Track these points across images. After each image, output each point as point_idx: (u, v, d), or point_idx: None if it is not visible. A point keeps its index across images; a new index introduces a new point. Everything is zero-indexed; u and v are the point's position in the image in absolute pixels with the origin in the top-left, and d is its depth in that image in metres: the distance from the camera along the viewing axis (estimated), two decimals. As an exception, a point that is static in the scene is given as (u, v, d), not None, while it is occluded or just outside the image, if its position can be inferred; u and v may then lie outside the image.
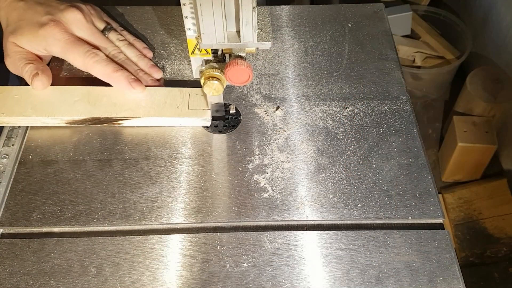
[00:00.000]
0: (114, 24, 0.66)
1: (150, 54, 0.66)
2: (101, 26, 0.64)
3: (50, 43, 0.59)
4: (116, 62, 0.62)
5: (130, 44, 0.65)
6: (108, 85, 0.61)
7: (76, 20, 0.60)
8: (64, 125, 0.59)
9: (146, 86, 0.61)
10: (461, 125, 1.40)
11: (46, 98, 0.60)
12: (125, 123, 0.59)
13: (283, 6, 0.75)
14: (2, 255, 0.50)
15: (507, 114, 1.42)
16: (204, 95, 0.60)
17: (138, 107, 0.59)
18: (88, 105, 0.59)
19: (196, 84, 0.65)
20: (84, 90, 0.61)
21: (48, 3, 0.61)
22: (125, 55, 0.63)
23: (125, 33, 0.67)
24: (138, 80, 0.61)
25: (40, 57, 0.61)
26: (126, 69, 0.61)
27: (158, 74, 0.64)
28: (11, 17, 0.60)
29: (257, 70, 0.67)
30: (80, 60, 0.60)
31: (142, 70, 0.63)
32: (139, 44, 0.66)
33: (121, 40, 0.64)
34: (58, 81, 0.64)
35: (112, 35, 0.64)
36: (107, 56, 0.61)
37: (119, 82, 0.60)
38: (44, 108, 0.58)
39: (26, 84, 0.60)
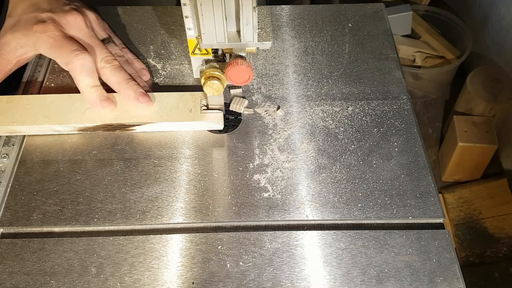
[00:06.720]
0: (117, 41, 0.64)
1: (146, 76, 0.64)
2: (102, 36, 0.62)
3: (40, 38, 0.57)
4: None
5: (128, 62, 0.63)
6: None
7: (75, 23, 0.59)
8: (77, 132, 0.59)
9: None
10: (461, 125, 1.40)
11: (58, 106, 0.59)
12: (138, 129, 0.59)
13: (283, 6, 0.75)
14: (2, 255, 0.50)
15: (507, 114, 1.42)
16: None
17: (151, 112, 0.59)
18: (100, 112, 0.59)
19: (196, 83, 0.65)
20: None
21: (55, 2, 0.60)
22: (119, 63, 0.60)
23: (126, 50, 0.64)
24: (108, 98, 0.58)
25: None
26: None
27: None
28: (17, 8, 0.59)
29: (258, 70, 0.67)
30: (64, 57, 0.56)
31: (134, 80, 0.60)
32: (138, 64, 0.64)
33: (119, 56, 0.61)
34: (69, 89, 0.62)
35: (110, 48, 0.61)
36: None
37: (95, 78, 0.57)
38: (56, 116, 0.58)
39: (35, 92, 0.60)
